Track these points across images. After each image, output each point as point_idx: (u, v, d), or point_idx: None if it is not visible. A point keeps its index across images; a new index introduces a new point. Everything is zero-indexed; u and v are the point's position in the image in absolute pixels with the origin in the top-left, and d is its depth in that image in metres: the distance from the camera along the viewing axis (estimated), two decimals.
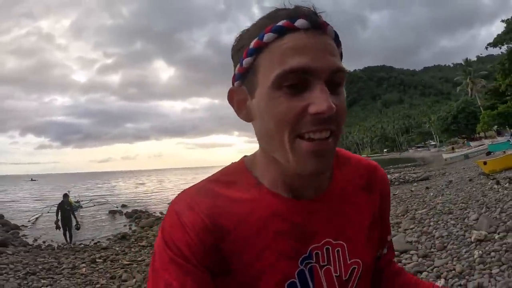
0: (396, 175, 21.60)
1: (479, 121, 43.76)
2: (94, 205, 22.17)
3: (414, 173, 22.82)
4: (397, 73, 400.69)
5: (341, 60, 0.64)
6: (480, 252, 4.04)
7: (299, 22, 0.57)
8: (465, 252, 4.34)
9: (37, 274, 7.27)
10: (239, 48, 0.64)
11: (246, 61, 0.61)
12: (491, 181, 9.70)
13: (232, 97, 0.67)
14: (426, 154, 62.76)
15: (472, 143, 45.04)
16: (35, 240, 12.15)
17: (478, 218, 5.55)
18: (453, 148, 33.46)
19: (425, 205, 8.57)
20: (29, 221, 15.76)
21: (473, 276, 3.65)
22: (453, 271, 3.94)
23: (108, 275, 7.40)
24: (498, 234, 4.50)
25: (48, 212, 17.23)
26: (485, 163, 12.80)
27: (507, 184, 8.49)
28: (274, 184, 0.67)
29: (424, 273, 4.14)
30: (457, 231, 5.23)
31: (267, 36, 0.58)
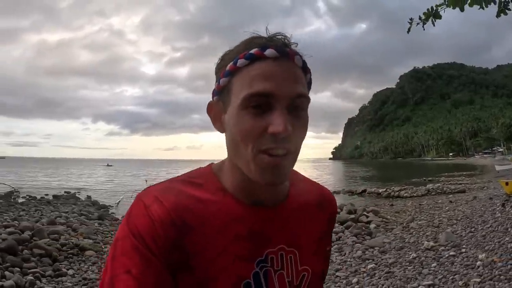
0: (438, 184, 22.49)
1: None
2: None
3: (455, 183, 23.60)
4: (468, 71, 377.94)
5: (309, 86, 0.73)
6: (415, 254, 5.97)
7: (269, 52, 0.64)
8: (409, 253, 6.20)
9: None
10: (220, 68, 0.71)
11: (223, 81, 0.69)
12: (500, 202, 10.37)
13: (210, 110, 0.74)
14: (490, 161, 60.60)
15: None
16: (123, 217, 15.18)
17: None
18: None
19: (429, 217, 10.24)
20: (115, 203, 18.83)
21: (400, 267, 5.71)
22: (385, 261, 5.80)
23: None
24: (445, 247, 6.26)
25: (131, 197, 20.26)
26: (507, 183, 12.65)
27: (508, 208, 9.18)
28: (237, 190, 0.72)
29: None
30: (421, 240, 7.07)
31: (240, 62, 0.65)
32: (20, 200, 17.98)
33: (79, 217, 12.68)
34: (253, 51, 0.65)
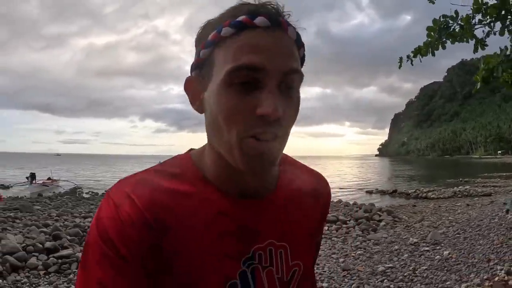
0: (467, 187, 22.55)
1: None
2: None
3: (487, 185, 23.63)
4: None
5: (302, 63, 0.64)
6: (398, 247, 7.55)
7: (259, 20, 0.56)
8: (395, 246, 7.73)
9: None
10: (200, 38, 0.63)
11: (203, 52, 0.61)
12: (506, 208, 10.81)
13: (188, 87, 0.67)
14: None
15: None
16: None
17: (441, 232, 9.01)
18: None
19: (437, 219, 11.49)
20: None
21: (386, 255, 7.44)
22: (372, 250, 7.34)
23: None
24: (426, 243, 7.62)
25: None
26: None
27: (510, 215, 9.72)
28: (219, 180, 0.66)
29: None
30: (411, 237, 8.56)
31: (225, 30, 0.57)
32: (86, 196, 20.88)
33: None
34: (240, 18, 0.57)
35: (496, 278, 4.80)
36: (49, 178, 26.18)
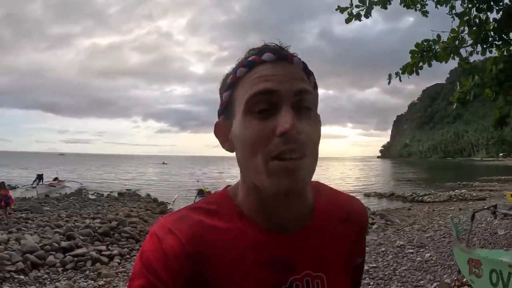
0: (463, 190, 22.92)
1: None
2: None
3: (483, 189, 23.84)
4: None
5: (315, 88, 0.70)
6: (384, 249, 8.05)
7: (266, 56, 0.64)
8: (382, 248, 8.22)
9: None
10: (222, 86, 0.70)
11: (225, 95, 0.68)
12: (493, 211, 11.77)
13: (218, 131, 0.71)
14: None
15: None
16: None
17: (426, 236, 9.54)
18: None
19: (428, 223, 11.97)
20: (172, 201, 20.59)
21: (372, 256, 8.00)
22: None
23: None
24: (411, 246, 8.13)
25: (185, 196, 22.06)
26: None
27: (496, 220, 9.75)
28: (254, 213, 0.68)
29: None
30: (399, 240, 9.04)
31: (240, 71, 0.65)
32: (92, 197, 21.44)
33: (145, 211, 15.54)
34: (250, 58, 0.65)
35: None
36: (55, 179, 26.77)
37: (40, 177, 25.08)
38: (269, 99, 0.61)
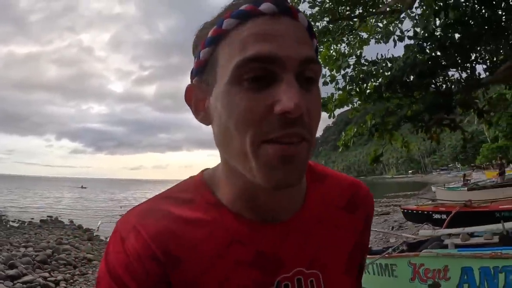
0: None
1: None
2: None
3: (389, 205, 24.36)
4: None
5: (316, 55, 0.56)
6: None
7: (264, 6, 0.49)
8: None
9: None
10: (199, 40, 0.56)
11: (204, 52, 0.53)
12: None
13: (189, 96, 0.58)
14: (445, 178, 58.05)
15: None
16: (106, 238, 17.22)
17: None
18: (464, 176, 28.49)
19: None
20: (96, 228, 19.64)
21: None
22: None
23: None
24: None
25: (110, 222, 20.92)
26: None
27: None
28: (235, 203, 0.58)
29: None
30: None
31: (227, 23, 0.50)
32: (15, 224, 20.41)
33: (74, 238, 15.24)
34: (243, 7, 0.50)
35: None
36: None
37: None
38: (267, 67, 0.48)
